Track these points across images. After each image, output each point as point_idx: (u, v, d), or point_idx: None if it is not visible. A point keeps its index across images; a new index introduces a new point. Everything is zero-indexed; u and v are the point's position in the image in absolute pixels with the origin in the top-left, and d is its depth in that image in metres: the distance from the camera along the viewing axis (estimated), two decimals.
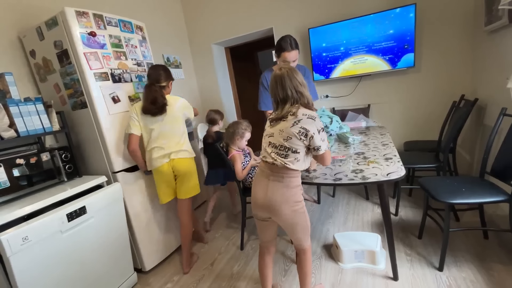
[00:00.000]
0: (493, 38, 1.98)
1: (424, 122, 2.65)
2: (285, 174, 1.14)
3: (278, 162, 1.13)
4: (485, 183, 1.53)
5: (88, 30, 1.59)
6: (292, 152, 1.12)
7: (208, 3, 3.28)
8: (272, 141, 1.16)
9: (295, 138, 1.10)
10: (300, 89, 1.13)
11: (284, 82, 1.13)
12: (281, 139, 1.13)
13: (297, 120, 1.09)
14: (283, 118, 1.13)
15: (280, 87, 1.14)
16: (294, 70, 1.16)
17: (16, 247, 1.15)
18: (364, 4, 2.57)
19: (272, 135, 1.17)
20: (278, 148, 1.14)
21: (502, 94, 1.78)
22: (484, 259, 1.55)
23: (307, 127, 1.08)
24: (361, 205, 2.39)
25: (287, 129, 1.10)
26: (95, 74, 1.62)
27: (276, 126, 1.15)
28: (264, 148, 1.21)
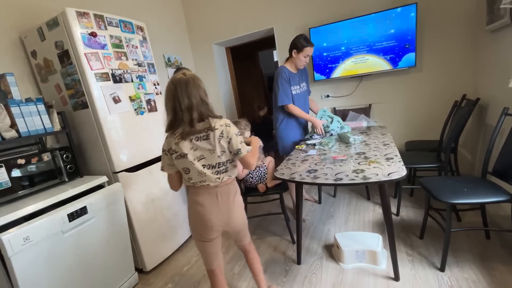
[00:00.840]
0: (495, 37, 1.97)
1: (426, 122, 2.64)
2: (230, 184, 1.18)
3: (224, 179, 1.14)
4: (487, 183, 1.52)
5: (88, 30, 1.60)
6: (230, 163, 1.15)
7: (209, 3, 3.28)
8: (206, 163, 1.11)
9: (227, 150, 1.12)
10: (205, 99, 1.10)
11: (190, 89, 1.06)
12: (215, 157, 1.11)
13: (221, 133, 1.09)
14: (203, 137, 1.09)
15: (186, 94, 1.05)
16: (198, 77, 1.12)
17: (17, 247, 1.15)
18: (365, 3, 2.56)
19: (202, 158, 1.11)
20: (217, 167, 1.12)
21: (504, 94, 1.77)
22: (486, 259, 1.54)
23: (230, 135, 1.10)
24: (362, 205, 2.39)
25: (216, 146, 1.09)
26: (96, 75, 1.62)
27: (200, 146, 1.09)
28: (195, 173, 1.11)
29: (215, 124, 1.09)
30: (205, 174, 1.11)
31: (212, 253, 1.25)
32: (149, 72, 1.99)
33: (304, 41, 2.02)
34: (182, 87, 1.06)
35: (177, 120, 1.08)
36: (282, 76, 2.08)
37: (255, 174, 1.98)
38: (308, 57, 2.09)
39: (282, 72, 2.09)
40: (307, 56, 2.07)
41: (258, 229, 2.27)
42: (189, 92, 1.06)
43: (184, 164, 1.11)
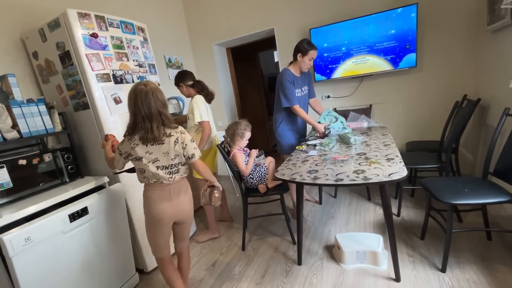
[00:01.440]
0: (495, 37, 1.97)
1: (426, 122, 2.64)
2: (181, 182, 1.34)
3: (176, 178, 1.30)
4: (488, 184, 1.51)
5: (90, 31, 1.60)
6: (182, 165, 1.32)
7: (209, 4, 3.29)
8: (160, 164, 1.26)
9: (181, 154, 1.28)
10: (163, 110, 1.22)
11: (149, 100, 1.18)
12: (169, 160, 1.27)
13: (176, 139, 1.26)
14: (158, 142, 1.23)
15: (146, 104, 1.17)
16: (158, 89, 1.23)
17: (18, 248, 1.15)
18: (365, 4, 2.57)
19: (157, 160, 1.25)
20: (170, 167, 1.28)
21: (505, 94, 1.77)
22: (487, 260, 1.54)
23: (185, 141, 1.28)
24: (363, 205, 2.38)
25: (171, 150, 1.25)
26: (97, 75, 1.63)
27: (153, 151, 1.24)
28: (149, 173, 1.25)
29: (171, 131, 1.25)
30: (158, 175, 1.26)
31: (162, 243, 1.37)
32: (149, 72, 2.00)
33: (308, 45, 2.09)
34: (142, 97, 1.17)
35: (136, 127, 1.21)
36: (287, 78, 2.12)
37: (255, 174, 1.98)
38: (313, 60, 2.16)
39: (287, 74, 2.14)
40: (311, 59, 2.14)
41: (258, 230, 2.28)
42: (148, 103, 1.18)
43: (139, 166, 1.27)
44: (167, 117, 1.24)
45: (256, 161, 2.00)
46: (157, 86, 1.24)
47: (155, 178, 1.27)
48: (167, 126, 1.24)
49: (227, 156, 1.97)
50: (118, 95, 1.74)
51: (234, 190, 3.24)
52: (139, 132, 1.20)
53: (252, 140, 2.11)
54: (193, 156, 1.31)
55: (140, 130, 1.20)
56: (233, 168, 1.97)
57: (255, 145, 2.26)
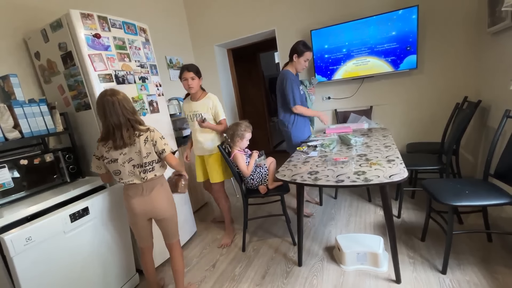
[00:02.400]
0: (496, 39, 1.97)
1: (427, 124, 2.64)
2: (155, 180, 1.40)
3: (149, 177, 1.36)
4: (489, 186, 1.51)
5: (92, 32, 1.61)
6: (156, 163, 1.37)
7: (210, 5, 3.30)
8: (135, 163, 1.33)
9: (152, 151, 1.34)
10: (131, 117, 1.30)
11: (117, 110, 1.26)
12: (142, 158, 1.32)
13: (146, 138, 1.32)
14: (130, 144, 1.30)
15: (114, 114, 1.26)
16: (125, 98, 1.31)
17: (19, 248, 1.15)
18: (366, 5, 2.57)
19: (132, 159, 1.33)
20: (144, 166, 1.34)
21: (506, 96, 1.77)
22: (488, 262, 1.54)
23: (154, 139, 1.34)
24: (363, 207, 2.38)
25: (142, 149, 1.31)
26: (99, 76, 1.63)
27: (127, 152, 1.31)
28: (125, 173, 1.34)
29: (140, 132, 1.32)
30: (134, 174, 1.35)
31: (142, 235, 1.51)
32: (151, 73, 2.00)
33: (303, 47, 2.13)
34: (110, 108, 1.26)
35: (109, 134, 1.29)
36: (291, 78, 2.16)
37: (256, 175, 1.98)
38: (308, 61, 2.20)
39: (290, 74, 2.18)
40: (307, 60, 2.18)
41: (259, 231, 2.27)
42: (116, 113, 1.26)
43: (115, 168, 1.34)
44: (137, 121, 1.33)
45: (257, 162, 2.00)
46: (124, 95, 1.32)
47: (130, 178, 1.35)
48: (136, 128, 1.32)
49: (227, 156, 1.97)
50: None
51: (234, 191, 3.24)
52: (111, 139, 1.29)
53: (253, 140, 2.12)
54: (164, 151, 1.36)
55: (112, 137, 1.29)
56: (233, 168, 1.97)
57: (256, 146, 2.27)
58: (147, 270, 1.58)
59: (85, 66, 1.58)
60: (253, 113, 4.77)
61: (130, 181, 1.35)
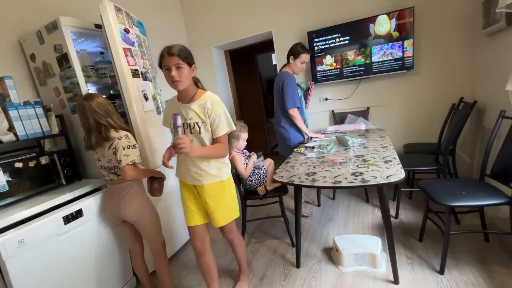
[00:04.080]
0: (491, 40, 1.99)
1: (424, 125, 2.65)
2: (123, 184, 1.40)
3: (114, 178, 1.39)
4: (485, 186, 1.52)
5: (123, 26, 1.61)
6: (118, 169, 1.36)
7: (208, 6, 3.30)
8: (101, 164, 1.40)
9: (113, 159, 1.34)
10: (102, 120, 1.32)
11: (86, 113, 1.31)
12: (105, 162, 1.38)
13: (111, 144, 1.33)
14: (99, 146, 1.35)
15: (84, 118, 1.33)
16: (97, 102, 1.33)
17: (12, 250, 1.14)
18: (363, 7, 2.59)
19: (100, 160, 1.40)
20: (108, 169, 1.39)
21: (501, 97, 1.79)
22: (485, 262, 1.54)
23: (117, 147, 1.31)
24: (361, 207, 2.39)
25: (105, 153, 1.36)
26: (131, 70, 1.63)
27: (98, 153, 1.39)
28: (98, 169, 1.43)
29: (110, 136, 1.32)
30: (101, 173, 1.42)
31: (124, 237, 1.55)
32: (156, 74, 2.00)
33: (301, 49, 2.13)
34: (80, 112, 1.33)
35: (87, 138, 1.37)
36: (292, 80, 2.15)
37: (254, 177, 1.97)
38: (305, 64, 2.19)
39: (290, 76, 2.17)
40: (303, 63, 2.17)
41: (257, 232, 2.27)
42: (86, 116, 1.32)
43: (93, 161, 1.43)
44: (110, 125, 1.33)
45: (255, 164, 1.99)
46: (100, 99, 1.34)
47: (101, 175, 1.43)
48: (105, 134, 1.32)
49: None
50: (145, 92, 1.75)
51: None
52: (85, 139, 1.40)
53: (251, 142, 2.11)
54: (120, 162, 1.30)
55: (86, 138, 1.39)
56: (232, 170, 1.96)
57: (254, 148, 2.26)
58: (137, 272, 1.60)
59: (119, 60, 1.56)
60: (250, 114, 4.77)
61: (102, 176, 1.43)
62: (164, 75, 1.24)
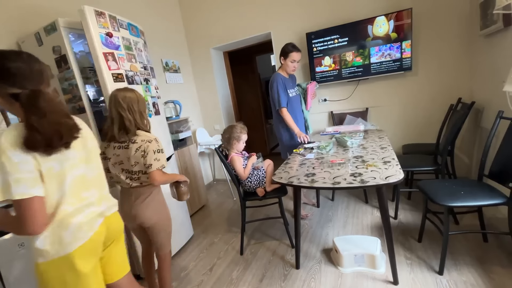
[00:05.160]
0: (489, 41, 2.00)
1: (422, 125, 2.66)
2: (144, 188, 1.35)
3: (133, 185, 1.32)
4: (484, 186, 1.53)
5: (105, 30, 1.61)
6: (143, 173, 1.30)
7: (206, 8, 3.31)
8: (124, 168, 1.32)
9: (141, 162, 1.27)
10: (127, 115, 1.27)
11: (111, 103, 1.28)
12: (130, 165, 1.29)
13: (139, 147, 1.27)
14: (124, 146, 1.29)
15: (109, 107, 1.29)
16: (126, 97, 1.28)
17: (12, 254, 1.13)
18: (361, 8, 2.60)
19: (122, 163, 1.31)
20: (131, 173, 1.31)
21: (499, 97, 1.79)
22: (484, 262, 1.54)
23: (147, 150, 1.26)
24: (360, 208, 2.39)
25: (131, 157, 1.27)
26: (112, 75, 1.62)
27: (120, 154, 1.31)
28: (114, 174, 1.33)
29: (136, 138, 1.28)
30: (119, 177, 1.32)
31: (138, 238, 1.55)
32: (151, 76, 2.00)
33: (290, 47, 2.13)
34: (109, 101, 1.31)
35: (108, 128, 1.31)
36: (278, 82, 2.16)
37: (253, 178, 1.97)
38: (296, 63, 2.18)
39: (278, 78, 2.18)
40: (294, 61, 2.16)
41: (256, 233, 2.27)
42: (110, 106, 1.29)
43: (105, 165, 1.29)
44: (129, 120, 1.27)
45: (254, 165, 1.99)
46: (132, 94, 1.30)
47: (117, 179, 1.34)
48: (131, 132, 1.28)
49: (225, 160, 1.96)
50: None
51: (232, 194, 3.23)
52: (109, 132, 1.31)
53: (250, 143, 2.11)
54: (150, 167, 1.26)
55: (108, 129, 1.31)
56: (231, 171, 1.97)
57: (253, 149, 2.27)
58: (146, 271, 1.60)
59: (99, 65, 1.56)
60: (249, 115, 4.77)
61: (117, 183, 1.36)
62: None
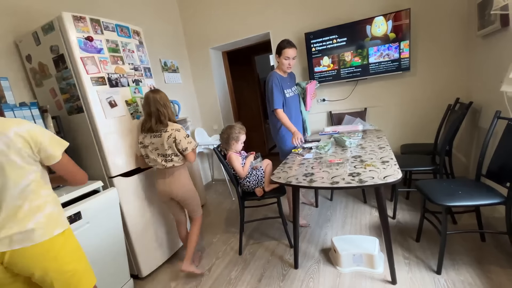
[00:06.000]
0: (486, 42, 2.01)
1: (420, 125, 2.67)
2: (175, 168, 1.72)
3: (168, 165, 1.67)
4: (481, 186, 1.53)
5: (85, 35, 1.59)
6: (175, 155, 1.67)
7: (205, 8, 3.31)
8: (159, 152, 1.66)
9: (173, 146, 1.63)
10: (163, 109, 1.63)
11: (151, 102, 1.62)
12: (164, 150, 1.64)
13: (170, 135, 1.62)
14: (158, 135, 1.63)
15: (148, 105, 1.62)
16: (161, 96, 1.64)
17: None
18: (360, 8, 2.60)
19: (157, 149, 1.66)
20: (165, 156, 1.65)
21: (496, 97, 1.80)
22: (482, 261, 1.55)
23: (178, 138, 1.63)
24: (359, 208, 2.39)
25: (164, 142, 1.62)
26: (92, 79, 1.62)
27: (155, 142, 1.65)
28: (152, 158, 1.69)
29: (167, 128, 1.63)
30: (156, 160, 1.68)
31: (171, 211, 1.90)
32: (145, 76, 1.99)
33: (283, 43, 2.03)
34: (146, 101, 1.64)
35: (145, 122, 1.65)
36: (274, 82, 2.08)
37: (252, 178, 1.97)
38: (290, 60, 2.07)
39: (274, 77, 2.09)
40: (288, 58, 2.05)
41: (255, 233, 2.26)
42: (149, 104, 1.62)
43: (144, 152, 1.71)
44: (166, 115, 1.64)
45: (253, 164, 1.99)
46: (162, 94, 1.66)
47: (155, 163, 1.69)
48: (163, 123, 1.62)
49: (223, 159, 1.96)
50: (113, 98, 1.72)
51: (230, 194, 3.23)
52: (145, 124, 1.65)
53: (249, 143, 2.11)
54: (186, 149, 1.65)
55: (146, 123, 1.65)
56: (229, 171, 1.97)
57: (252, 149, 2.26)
58: (181, 238, 1.98)
59: (77, 69, 1.57)
60: (248, 115, 4.77)
61: (155, 165, 1.71)
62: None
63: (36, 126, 0.95)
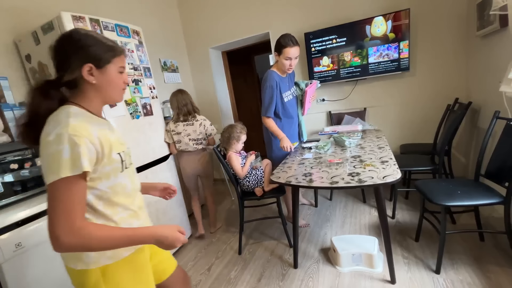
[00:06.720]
0: (485, 42, 2.01)
1: (420, 125, 2.67)
2: (201, 150, 2.21)
3: (199, 147, 2.17)
4: (480, 186, 1.54)
5: None
6: (204, 140, 2.18)
7: (205, 7, 3.30)
8: (191, 137, 2.13)
9: (203, 132, 2.14)
10: (189, 103, 2.13)
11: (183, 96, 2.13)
12: (196, 135, 2.13)
13: (200, 123, 2.14)
14: (190, 124, 2.12)
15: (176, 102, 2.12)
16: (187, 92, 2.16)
17: (8, 254, 1.13)
18: (360, 8, 2.61)
19: (189, 135, 2.12)
20: (197, 140, 2.15)
21: (495, 97, 1.81)
22: (481, 261, 1.56)
23: (206, 125, 2.16)
24: (358, 208, 2.40)
25: (197, 129, 2.13)
26: None
27: (188, 129, 2.12)
28: (184, 143, 2.14)
29: (197, 118, 2.14)
30: (188, 144, 2.13)
31: (191, 187, 2.33)
32: (145, 76, 1.99)
33: (285, 40, 1.78)
34: (176, 99, 2.13)
35: (179, 114, 2.12)
36: (271, 84, 1.85)
37: (252, 177, 1.98)
38: (291, 60, 1.81)
39: (271, 78, 1.86)
40: (288, 59, 1.80)
41: (255, 233, 2.27)
42: (178, 101, 2.12)
43: (177, 138, 2.14)
44: (192, 106, 2.15)
45: (252, 164, 1.99)
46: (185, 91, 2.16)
47: (186, 147, 2.14)
48: (194, 114, 2.14)
49: (223, 159, 1.96)
50: None
51: (230, 194, 3.23)
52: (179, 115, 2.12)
53: (248, 143, 2.11)
54: (211, 134, 2.17)
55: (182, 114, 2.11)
56: (229, 171, 1.97)
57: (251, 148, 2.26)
58: (195, 211, 2.36)
59: None
60: (248, 115, 4.77)
61: (186, 149, 2.14)
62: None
63: None
